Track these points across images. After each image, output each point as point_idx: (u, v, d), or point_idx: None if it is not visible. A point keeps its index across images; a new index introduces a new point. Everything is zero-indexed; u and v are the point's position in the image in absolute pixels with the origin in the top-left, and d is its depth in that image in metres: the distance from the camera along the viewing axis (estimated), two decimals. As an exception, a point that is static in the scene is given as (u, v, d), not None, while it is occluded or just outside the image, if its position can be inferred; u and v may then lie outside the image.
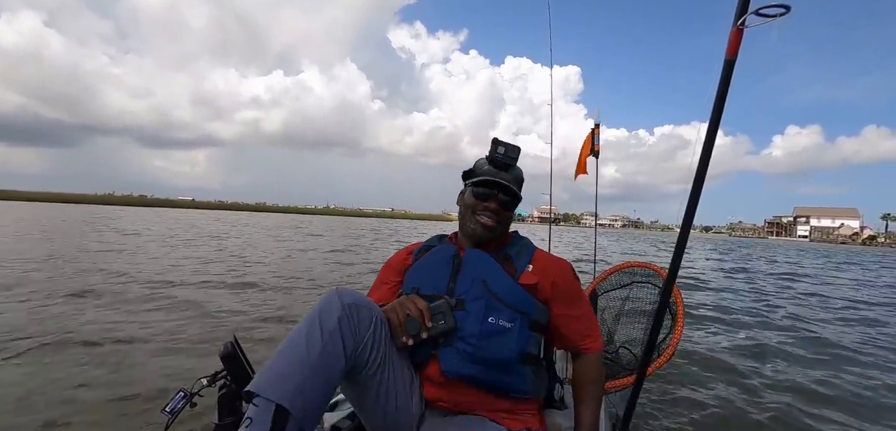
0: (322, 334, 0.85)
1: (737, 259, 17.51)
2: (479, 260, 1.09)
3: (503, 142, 1.13)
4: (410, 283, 1.11)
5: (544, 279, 1.08)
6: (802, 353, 3.86)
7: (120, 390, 2.41)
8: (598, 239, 3.96)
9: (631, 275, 2.13)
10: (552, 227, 3.91)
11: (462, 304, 1.02)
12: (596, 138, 3.28)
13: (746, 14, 0.73)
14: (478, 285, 1.04)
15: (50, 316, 3.80)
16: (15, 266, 6.37)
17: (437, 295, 1.05)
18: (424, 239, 1.26)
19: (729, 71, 0.79)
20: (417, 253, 1.20)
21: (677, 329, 1.75)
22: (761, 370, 3.32)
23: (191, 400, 0.97)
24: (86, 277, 5.79)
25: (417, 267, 1.16)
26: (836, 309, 6.54)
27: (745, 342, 4.18)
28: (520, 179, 1.17)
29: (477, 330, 0.98)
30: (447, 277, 1.08)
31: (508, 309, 1.01)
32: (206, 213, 52.71)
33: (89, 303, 4.33)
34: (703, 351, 3.68)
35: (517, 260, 1.11)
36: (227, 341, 1.02)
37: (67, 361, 2.81)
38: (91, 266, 6.78)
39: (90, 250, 8.91)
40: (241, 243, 12.46)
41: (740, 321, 5.14)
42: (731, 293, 7.62)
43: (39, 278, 5.47)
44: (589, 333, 1.11)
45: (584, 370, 1.10)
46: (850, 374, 3.32)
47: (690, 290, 7.51)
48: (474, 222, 1.12)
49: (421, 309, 0.97)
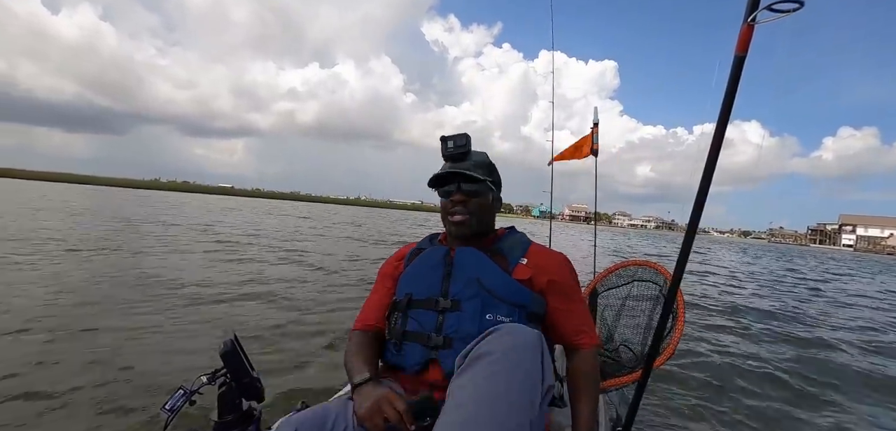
0: None
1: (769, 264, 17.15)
2: (471, 257, 1.08)
3: (450, 135, 1.13)
4: (404, 290, 1.10)
5: (539, 272, 1.07)
6: (801, 353, 3.88)
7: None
8: (631, 240, 3.96)
9: (632, 274, 2.12)
10: (585, 226, 3.89)
11: (458, 304, 1.01)
12: (595, 137, 3.28)
13: (758, 9, 0.72)
14: (471, 283, 1.03)
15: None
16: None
17: (430, 297, 1.04)
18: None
19: (739, 67, 0.77)
20: (409, 257, 1.19)
21: (678, 328, 1.76)
22: (761, 368, 3.34)
23: (190, 398, 0.96)
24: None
25: (409, 271, 1.14)
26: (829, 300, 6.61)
27: (746, 340, 4.20)
28: (483, 164, 1.16)
29: (476, 329, 0.96)
30: (439, 279, 1.07)
31: (504, 303, 1.00)
32: (257, 201, 55.94)
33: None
34: (704, 351, 3.69)
35: (510, 253, 1.10)
36: (226, 339, 1.01)
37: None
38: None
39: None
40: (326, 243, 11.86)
41: (743, 321, 5.17)
42: (741, 292, 7.66)
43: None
44: (584, 329, 1.10)
45: (579, 365, 1.08)
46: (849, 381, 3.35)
47: (691, 288, 7.55)
48: (448, 223, 1.13)
49: (400, 411, 0.86)
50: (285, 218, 21.06)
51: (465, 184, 1.11)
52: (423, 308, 1.04)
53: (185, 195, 62.40)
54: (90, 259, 6.03)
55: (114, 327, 3.15)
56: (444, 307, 1.02)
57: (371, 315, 1.15)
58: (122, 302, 3.87)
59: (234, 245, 8.98)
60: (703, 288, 7.80)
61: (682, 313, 1.79)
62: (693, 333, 4.29)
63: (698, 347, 3.81)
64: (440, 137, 1.14)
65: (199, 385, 0.98)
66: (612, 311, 2.17)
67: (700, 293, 7.11)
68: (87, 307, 3.64)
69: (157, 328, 3.21)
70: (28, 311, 3.35)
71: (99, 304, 3.77)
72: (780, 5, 0.69)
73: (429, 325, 1.01)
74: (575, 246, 16.98)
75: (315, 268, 6.81)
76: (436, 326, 1.01)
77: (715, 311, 5.66)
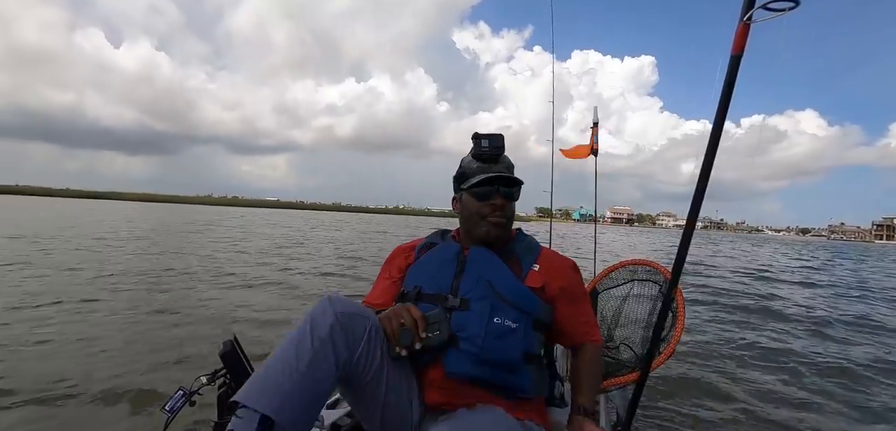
0: (313, 342, 0.82)
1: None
2: (484, 258, 1.07)
3: (485, 134, 1.11)
4: (412, 282, 1.09)
5: (551, 280, 1.07)
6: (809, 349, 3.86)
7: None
8: (676, 240, 3.92)
9: (632, 273, 2.12)
10: (627, 228, 3.86)
11: (466, 304, 1.00)
12: (595, 137, 3.28)
13: (754, 8, 0.72)
14: (483, 284, 1.02)
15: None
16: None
17: (439, 293, 1.03)
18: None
19: (735, 67, 0.77)
20: (419, 250, 1.18)
21: (678, 328, 1.76)
22: (762, 367, 3.33)
23: (190, 399, 0.96)
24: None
25: (420, 264, 1.14)
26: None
27: (747, 340, 4.18)
28: (512, 166, 1.15)
29: (482, 330, 0.96)
30: (451, 276, 1.06)
31: (514, 309, 1.00)
32: (316, 214, 58.79)
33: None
34: (705, 352, 3.68)
35: (523, 258, 1.09)
36: (226, 339, 1.01)
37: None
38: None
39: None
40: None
41: (747, 320, 5.15)
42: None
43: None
44: (590, 329, 1.12)
45: (585, 356, 1.10)
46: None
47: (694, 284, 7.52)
48: (487, 225, 1.10)
49: (415, 318, 0.92)
50: (353, 229, 22.93)
51: (504, 187, 1.10)
52: (430, 302, 1.03)
53: (241, 209, 65.65)
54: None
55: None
56: (453, 305, 1.01)
57: (380, 297, 1.15)
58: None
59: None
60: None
61: (682, 312, 1.79)
62: (695, 335, 4.28)
63: (699, 346, 3.80)
64: (474, 134, 1.12)
65: (199, 385, 0.98)
66: (611, 311, 2.17)
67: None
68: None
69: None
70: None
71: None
72: (775, 4, 0.69)
73: None
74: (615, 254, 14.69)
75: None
76: None
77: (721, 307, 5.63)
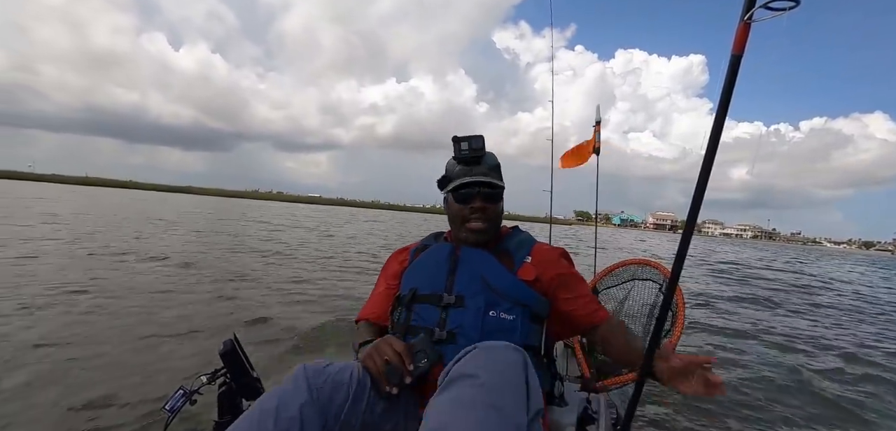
0: (276, 424, 0.74)
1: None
2: (477, 256, 1.09)
3: (464, 137, 1.11)
4: (408, 284, 1.11)
5: (544, 270, 1.08)
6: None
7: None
8: (726, 247, 3.57)
9: (632, 273, 2.13)
10: (671, 235, 3.86)
11: (462, 300, 1.01)
12: (597, 136, 3.27)
13: (754, 8, 0.71)
14: (476, 281, 1.03)
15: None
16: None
17: (434, 293, 1.04)
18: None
19: (735, 67, 0.77)
20: (413, 253, 1.20)
21: (677, 327, 1.76)
22: (763, 365, 3.32)
23: (191, 398, 0.97)
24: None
25: (414, 267, 1.15)
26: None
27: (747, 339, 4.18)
28: (495, 167, 1.15)
29: (479, 325, 0.97)
30: (445, 275, 1.07)
31: (508, 302, 1.01)
32: (351, 210, 58.22)
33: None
34: (706, 352, 3.68)
35: (516, 253, 1.11)
36: (226, 339, 1.02)
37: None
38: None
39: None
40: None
41: (744, 325, 5.14)
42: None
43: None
44: (596, 309, 1.12)
45: (606, 331, 1.10)
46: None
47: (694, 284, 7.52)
48: (466, 231, 1.11)
49: (398, 351, 0.89)
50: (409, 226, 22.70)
51: (485, 190, 1.10)
52: (427, 303, 1.04)
53: (287, 204, 67.06)
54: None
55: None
56: (448, 303, 1.02)
57: (375, 308, 1.17)
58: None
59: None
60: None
61: (681, 312, 1.80)
62: (696, 334, 4.28)
63: (699, 346, 3.80)
64: (453, 138, 1.12)
65: (199, 385, 0.99)
66: (611, 309, 2.18)
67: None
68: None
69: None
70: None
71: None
72: (776, 4, 0.69)
73: (432, 321, 1.02)
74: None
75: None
76: (439, 322, 1.01)
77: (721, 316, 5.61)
